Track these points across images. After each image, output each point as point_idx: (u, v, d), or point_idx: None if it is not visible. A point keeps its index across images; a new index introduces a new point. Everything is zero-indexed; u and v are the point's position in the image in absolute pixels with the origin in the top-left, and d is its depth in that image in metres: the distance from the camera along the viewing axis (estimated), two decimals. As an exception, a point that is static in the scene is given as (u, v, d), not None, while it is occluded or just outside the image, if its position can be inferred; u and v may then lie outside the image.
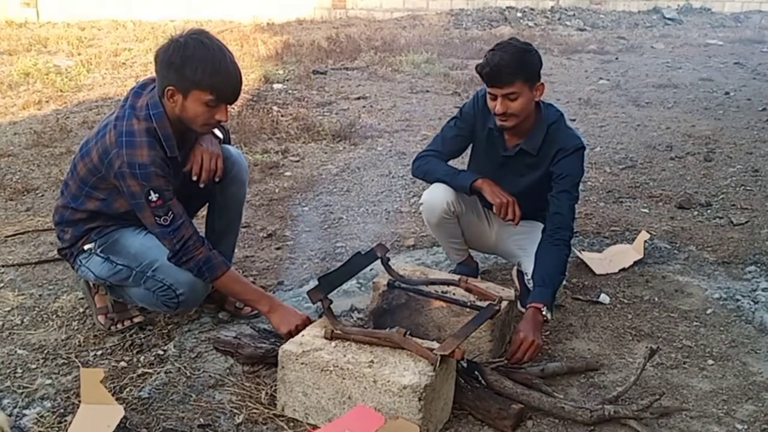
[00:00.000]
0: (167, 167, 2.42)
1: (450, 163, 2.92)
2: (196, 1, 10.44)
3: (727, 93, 7.30)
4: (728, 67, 8.85)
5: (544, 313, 2.47)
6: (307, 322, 2.48)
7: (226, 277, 2.54)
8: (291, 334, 2.41)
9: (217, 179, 2.65)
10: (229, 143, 2.84)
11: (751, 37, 11.28)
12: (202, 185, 2.61)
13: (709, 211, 4.11)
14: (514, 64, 2.55)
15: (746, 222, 3.92)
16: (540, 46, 9.70)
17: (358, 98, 6.69)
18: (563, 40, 10.53)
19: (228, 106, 2.43)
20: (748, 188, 4.48)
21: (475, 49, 9.26)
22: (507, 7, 12.43)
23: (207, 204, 2.89)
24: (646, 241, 3.50)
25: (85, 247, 2.61)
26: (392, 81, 7.49)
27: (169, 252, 2.47)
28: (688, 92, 7.34)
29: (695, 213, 4.08)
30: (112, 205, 2.54)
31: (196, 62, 2.31)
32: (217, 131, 2.71)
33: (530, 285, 2.78)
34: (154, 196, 2.38)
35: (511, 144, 2.76)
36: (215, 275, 2.51)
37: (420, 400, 2.00)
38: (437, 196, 2.84)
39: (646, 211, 4.11)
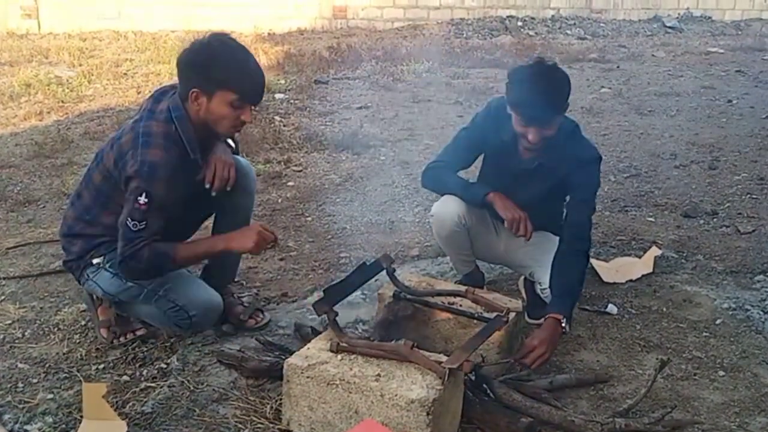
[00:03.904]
0: (182, 173, 2.39)
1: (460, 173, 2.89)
2: (196, 12, 10.44)
3: (729, 101, 7.27)
4: (730, 75, 8.82)
5: (563, 324, 2.44)
6: (262, 226, 2.47)
7: (180, 252, 2.45)
8: (260, 246, 2.43)
9: (228, 188, 2.61)
10: (238, 154, 2.82)
11: (752, 45, 11.24)
12: (214, 193, 2.57)
13: (715, 219, 4.07)
14: (556, 105, 2.51)
15: (753, 230, 3.88)
16: (541, 55, 9.69)
17: (360, 108, 6.67)
18: (564, 48, 10.51)
19: (252, 107, 2.41)
20: (754, 196, 4.44)
21: (477, 58, 9.24)
22: (507, 17, 12.41)
23: (213, 215, 2.86)
24: (656, 257, 3.45)
25: (94, 261, 2.57)
26: (394, 90, 7.47)
27: (119, 256, 2.39)
28: (691, 100, 7.31)
29: (701, 222, 4.04)
30: None
31: (221, 62, 2.32)
32: (230, 140, 2.69)
33: (544, 295, 2.75)
34: (142, 199, 2.33)
35: (526, 156, 2.72)
36: (170, 257, 2.43)
37: (428, 414, 1.96)
38: (448, 209, 2.80)
39: (652, 219, 4.08)
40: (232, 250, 2.54)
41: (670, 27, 12.90)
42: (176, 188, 2.41)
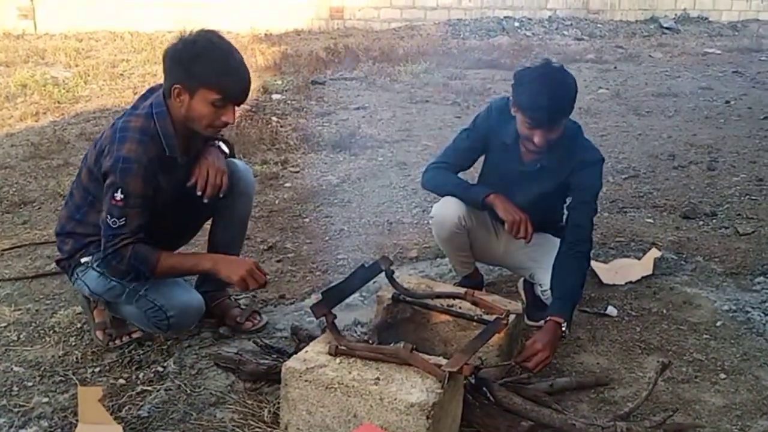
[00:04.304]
0: (159, 169, 2.36)
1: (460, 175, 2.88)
2: (193, 12, 10.41)
3: (727, 102, 7.28)
4: (727, 76, 8.83)
5: (563, 328, 2.42)
6: (257, 265, 2.42)
7: (162, 261, 2.41)
8: (245, 282, 2.37)
9: (221, 195, 2.58)
10: (234, 157, 2.79)
11: (749, 46, 11.27)
12: (206, 200, 2.54)
13: (714, 220, 4.06)
14: (564, 108, 2.50)
15: (753, 232, 3.87)
16: (538, 55, 9.68)
17: (358, 108, 6.65)
18: (561, 49, 10.51)
19: (236, 107, 2.38)
20: (753, 197, 4.43)
21: (474, 59, 9.24)
22: (504, 17, 12.41)
23: (211, 218, 2.84)
24: (656, 258, 3.44)
25: (83, 260, 2.55)
26: (391, 91, 7.46)
27: (102, 253, 2.38)
28: (688, 101, 7.32)
29: (700, 223, 4.03)
30: None
31: (204, 60, 2.28)
32: (223, 146, 2.66)
33: (545, 297, 2.73)
34: (118, 195, 2.30)
35: (527, 158, 2.70)
36: (152, 263, 2.39)
37: (428, 418, 1.94)
38: (449, 210, 2.78)
39: (651, 221, 4.07)
40: (218, 275, 2.45)
41: (666, 28, 12.92)
42: (153, 184, 2.37)
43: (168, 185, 2.45)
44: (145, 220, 2.39)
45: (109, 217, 2.34)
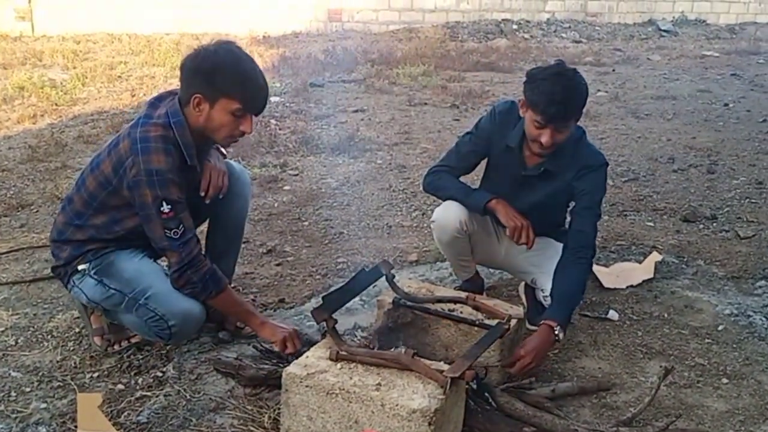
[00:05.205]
0: (182, 176, 2.36)
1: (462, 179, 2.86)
2: (191, 15, 10.39)
3: (726, 104, 7.28)
4: (725, 79, 8.85)
5: (556, 332, 2.40)
6: (297, 333, 2.50)
7: (227, 291, 2.49)
8: (284, 344, 2.43)
9: (221, 196, 2.60)
10: (225, 158, 2.79)
11: (747, 49, 11.30)
12: (207, 201, 2.55)
13: (714, 224, 4.05)
14: (577, 106, 2.50)
15: (753, 235, 3.86)
16: (536, 58, 9.70)
17: (356, 111, 6.64)
18: (559, 52, 10.51)
19: (254, 117, 2.39)
20: (753, 201, 4.43)
21: (472, 62, 9.24)
22: (503, 20, 12.41)
23: (207, 221, 2.83)
24: (657, 262, 3.43)
25: (80, 268, 2.52)
26: (390, 93, 7.45)
27: (175, 266, 2.38)
28: (687, 104, 7.32)
29: (701, 226, 4.02)
30: (120, 223, 2.46)
31: (227, 70, 2.29)
32: (221, 147, 2.66)
33: (546, 302, 2.71)
34: (166, 208, 2.31)
35: (531, 162, 2.69)
36: (220, 288, 2.45)
37: (430, 424, 1.92)
38: (450, 214, 2.76)
39: (651, 224, 4.06)
40: (259, 334, 2.55)
41: (664, 30, 12.93)
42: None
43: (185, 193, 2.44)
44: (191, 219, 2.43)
45: (167, 231, 2.34)
